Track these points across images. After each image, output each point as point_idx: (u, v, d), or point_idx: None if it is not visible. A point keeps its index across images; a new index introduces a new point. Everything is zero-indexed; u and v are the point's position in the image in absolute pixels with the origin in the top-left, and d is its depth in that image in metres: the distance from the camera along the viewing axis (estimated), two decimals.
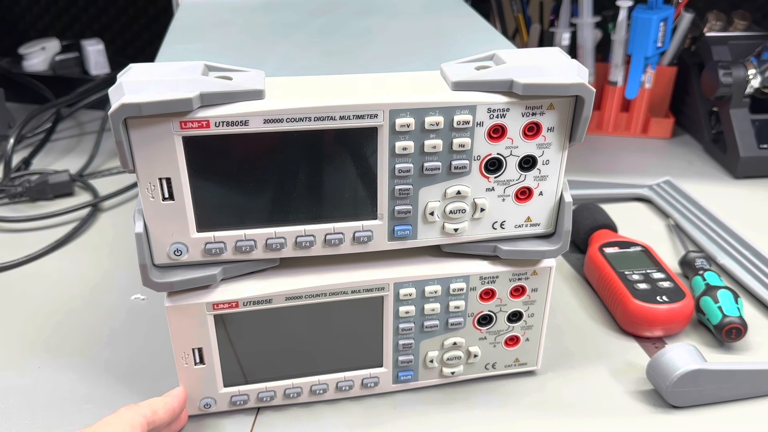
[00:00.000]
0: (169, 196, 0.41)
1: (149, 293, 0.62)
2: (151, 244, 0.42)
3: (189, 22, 0.56)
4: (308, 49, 0.49)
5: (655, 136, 0.98)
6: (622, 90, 0.95)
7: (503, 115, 0.42)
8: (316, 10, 0.59)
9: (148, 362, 0.55)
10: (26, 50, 1.04)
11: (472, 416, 0.50)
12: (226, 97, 0.39)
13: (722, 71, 0.84)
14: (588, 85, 0.41)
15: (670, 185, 0.81)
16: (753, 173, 0.86)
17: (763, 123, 0.86)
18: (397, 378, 0.51)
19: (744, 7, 1.00)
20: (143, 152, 0.39)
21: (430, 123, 0.41)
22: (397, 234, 0.45)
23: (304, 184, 0.42)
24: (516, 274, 0.48)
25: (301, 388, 0.49)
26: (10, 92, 0.92)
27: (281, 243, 0.43)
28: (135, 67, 0.40)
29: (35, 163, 0.89)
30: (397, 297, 0.47)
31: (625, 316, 0.58)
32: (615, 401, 0.51)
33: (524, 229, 0.47)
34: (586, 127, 0.43)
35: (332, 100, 0.40)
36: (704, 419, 0.49)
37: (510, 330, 0.51)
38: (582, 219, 0.69)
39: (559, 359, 0.55)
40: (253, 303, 0.45)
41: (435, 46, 0.51)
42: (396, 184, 0.43)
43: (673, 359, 0.49)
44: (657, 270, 0.61)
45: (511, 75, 0.41)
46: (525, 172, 0.44)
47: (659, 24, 0.87)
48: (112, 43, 1.17)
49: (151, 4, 1.14)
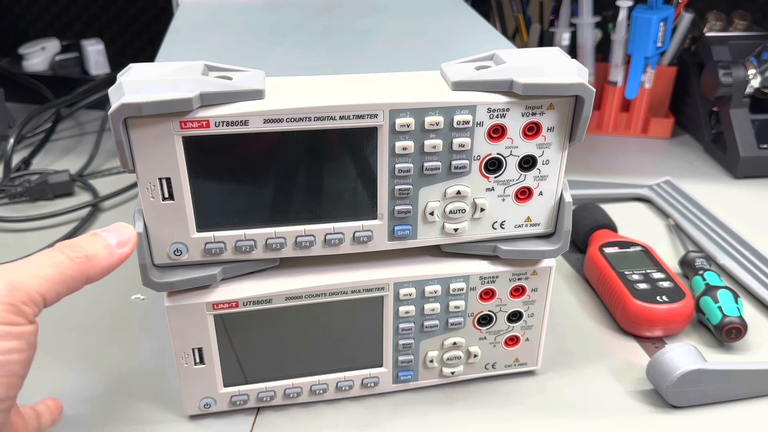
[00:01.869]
0: (169, 196, 0.41)
1: (149, 293, 0.62)
2: (151, 244, 0.42)
3: (189, 22, 0.56)
4: (308, 49, 0.49)
5: (655, 136, 0.98)
6: (622, 90, 0.95)
7: (503, 115, 0.42)
8: (317, 10, 0.59)
9: (148, 362, 0.55)
10: (26, 50, 1.04)
11: (472, 416, 0.50)
12: (226, 97, 0.39)
13: (722, 71, 0.84)
14: (588, 85, 0.41)
15: (670, 185, 0.81)
16: (753, 173, 0.86)
17: (763, 123, 0.86)
18: (397, 378, 0.51)
19: (744, 7, 1.00)
20: (143, 152, 0.39)
21: (430, 123, 0.41)
22: (397, 234, 0.45)
23: (304, 184, 0.42)
24: (516, 274, 0.48)
25: (301, 388, 0.49)
26: (10, 92, 0.92)
27: (281, 243, 0.44)
28: (135, 67, 0.40)
29: (35, 163, 0.89)
30: (397, 297, 0.47)
31: (625, 316, 0.58)
32: (615, 401, 0.51)
33: (524, 229, 0.47)
34: (586, 127, 0.43)
35: (332, 100, 0.40)
36: (704, 419, 0.49)
37: (510, 330, 0.51)
38: (582, 219, 0.69)
39: (559, 359, 0.55)
40: (253, 303, 0.45)
41: (435, 46, 0.51)
42: (396, 184, 0.43)
43: (673, 359, 0.49)
44: (657, 270, 0.61)
45: (511, 75, 0.41)
46: (525, 172, 0.44)
47: (659, 24, 0.87)
48: (112, 43, 1.17)
49: (151, 4, 1.14)
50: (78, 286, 0.38)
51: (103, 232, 0.40)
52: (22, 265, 0.36)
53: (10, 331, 0.34)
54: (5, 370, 0.34)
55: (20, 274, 0.35)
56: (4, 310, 0.34)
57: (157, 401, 0.51)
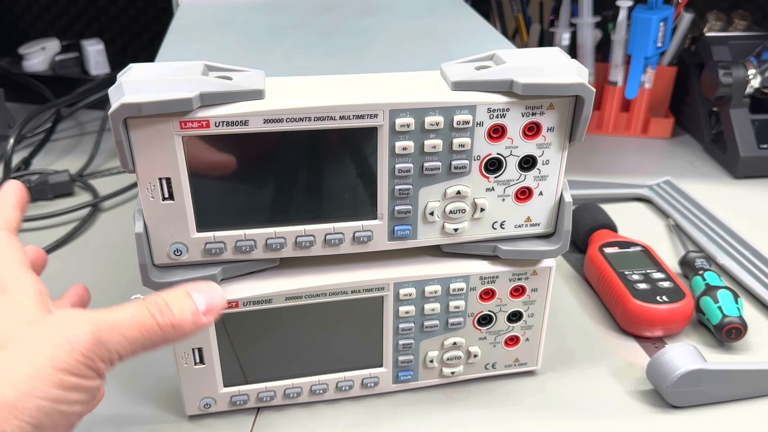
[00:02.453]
0: (169, 196, 0.41)
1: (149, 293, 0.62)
2: (150, 244, 0.42)
3: (189, 22, 0.56)
4: (308, 49, 0.49)
5: (655, 136, 0.98)
6: (622, 90, 0.95)
7: (503, 115, 0.42)
8: (317, 10, 0.59)
9: (147, 362, 0.54)
10: (26, 50, 1.04)
11: (472, 416, 0.50)
12: (226, 97, 0.39)
13: (722, 71, 0.84)
14: (588, 85, 0.41)
15: (670, 185, 0.81)
16: (753, 173, 0.86)
17: (763, 123, 0.86)
18: (397, 378, 0.51)
19: (744, 7, 1.00)
20: (143, 152, 0.39)
21: (430, 123, 0.41)
22: (397, 234, 0.45)
23: (304, 184, 0.42)
24: (516, 274, 0.48)
25: (301, 388, 0.49)
26: (10, 92, 0.92)
27: (281, 243, 0.44)
28: (135, 67, 0.40)
29: (35, 163, 0.89)
30: (397, 297, 0.47)
31: (625, 316, 0.58)
32: (615, 401, 0.51)
33: (524, 229, 0.47)
34: (586, 127, 0.43)
35: (332, 100, 0.40)
36: (704, 419, 0.49)
37: (510, 330, 0.51)
38: (582, 219, 0.69)
39: (559, 359, 0.55)
40: (253, 303, 0.45)
41: (435, 46, 0.51)
42: (396, 184, 0.43)
43: (673, 359, 0.49)
44: (657, 270, 0.61)
45: (511, 75, 0.41)
46: (525, 172, 0.44)
47: (659, 24, 0.87)
48: (112, 43, 1.17)
49: (151, 4, 1.14)
50: (154, 348, 0.36)
51: (195, 291, 0.38)
52: (112, 319, 0.35)
53: (80, 383, 0.33)
54: (67, 420, 0.33)
55: (109, 330, 0.34)
56: (82, 362, 0.33)
57: (157, 401, 0.51)
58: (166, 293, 0.37)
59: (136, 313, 0.36)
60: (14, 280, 0.36)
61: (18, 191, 0.43)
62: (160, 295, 0.37)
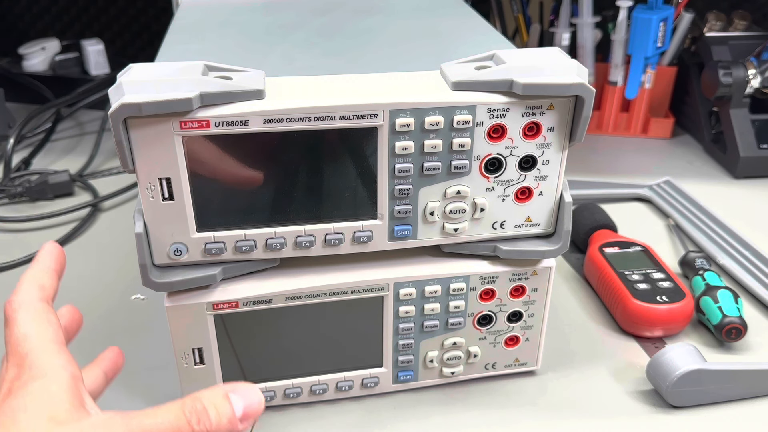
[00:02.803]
0: (169, 196, 0.41)
1: (149, 293, 0.62)
2: (151, 244, 0.42)
3: (189, 22, 0.56)
4: (308, 49, 0.49)
5: (655, 136, 0.98)
6: (622, 90, 0.95)
7: (503, 115, 0.42)
8: (316, 10, 0.59)
9: (147, 362, 0.55)
10: (26, 50, 1.04)
11: (472, 416, 0.50)
12: (226, 97, 0.39)
13: (722, 71, 0.84)
14: (588, 85, 0.41)
15: (670, 185, 0.81)
16: (753, 173, 0.86)
17: (763, 123, 0.86)
18: (397, 378, 0.51)
19: (744, 7, 1.00)
20: (143, 152, 0.39)
21: (430, 123, 0.41)
22: (397, 234, 0.45)
23: (304, 184, 0.42)
24: (516, 274, 0.48)
25: (301, 388, 0.49)
26: (10, 92, 0.92)
27: (281, 243, 0.44)
28: (135, 67, 0.40)
29: (35, 163, 0.89)
30: (397, 297, 0.47)
31: (625, 316, 0.58)
32: (615, 401, 0.51)
33: (524, 229, 0.47)
34: (586, 127, 0.43)
35: (332, 100, 0.40)
36: (704, 419, 0.49)
37: (510, 330, 0.51)
38: (582, 219, 0.69)
39: (559, 359, 0.55)
40: (253, 303, 0.45)
41: (435, 46, 0.51)
42: (396, 184, 0.43)
43: (673, 359, 0.49)
44: (657, 270, 0.61)
45: (511, 75, 0.41)
46: (525, 172, 0.44)
47: (659, 24, 0.87)
48: (112, 43, 1.17)
49: (151, 4, 1.14)
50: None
51: (234, 393, 0.35)
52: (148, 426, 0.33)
53: None
54: None
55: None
56: None
57: (157, 401, 0.51)
58: (204, 395, 0.35)
59: (173, 420, 0.34)
60: (48, 363, 0.34)
61: (56, 255, 0.40)
62: (199, 398, 0.34)
